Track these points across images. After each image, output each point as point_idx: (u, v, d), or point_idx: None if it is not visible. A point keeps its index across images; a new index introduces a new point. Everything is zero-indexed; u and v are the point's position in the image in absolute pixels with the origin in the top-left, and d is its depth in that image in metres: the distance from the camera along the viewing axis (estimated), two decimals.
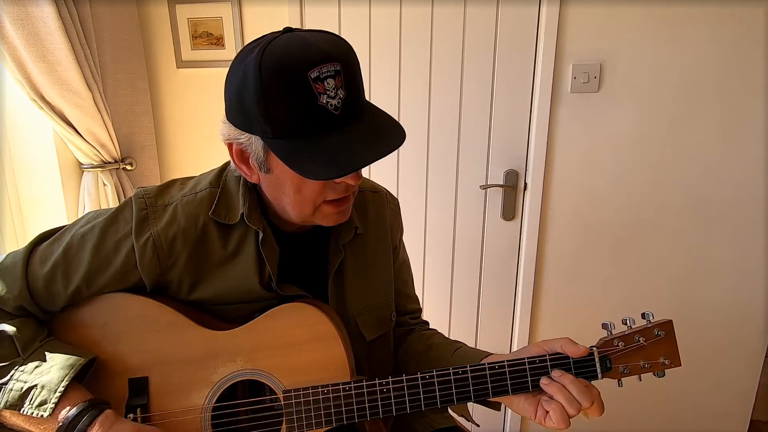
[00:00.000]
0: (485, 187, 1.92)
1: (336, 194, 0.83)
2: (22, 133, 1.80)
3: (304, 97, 0.71)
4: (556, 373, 0.80)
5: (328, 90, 0.72)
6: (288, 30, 0.77)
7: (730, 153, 1.74)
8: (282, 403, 0.84)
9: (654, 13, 1.66)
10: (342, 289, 0.97)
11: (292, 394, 0.83)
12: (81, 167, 1.86)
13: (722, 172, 1.76)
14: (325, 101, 0.72)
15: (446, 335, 1.09)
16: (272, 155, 0.77)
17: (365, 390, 0.82)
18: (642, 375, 0.84)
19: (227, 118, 0.81)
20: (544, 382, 0.80)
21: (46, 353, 0.81)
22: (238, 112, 0.77)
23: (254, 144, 0.78)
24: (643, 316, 0.85)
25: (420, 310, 1.17)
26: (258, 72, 0.71)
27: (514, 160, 1.88)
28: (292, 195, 0.82)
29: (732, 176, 1.76)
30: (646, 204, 1.84)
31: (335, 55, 0.73)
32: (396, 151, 0.76)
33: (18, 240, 1.84)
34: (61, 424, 0.76)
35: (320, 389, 0.83)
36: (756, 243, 1.81)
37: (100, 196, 1.86)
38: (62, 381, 0.78)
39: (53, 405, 0.76)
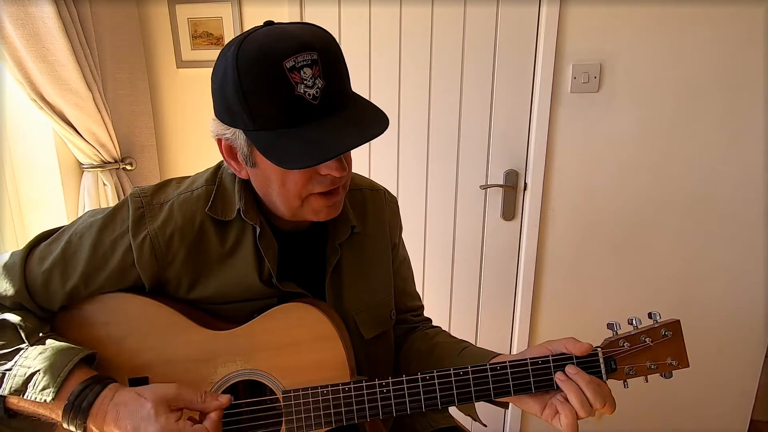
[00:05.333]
0: (485, 187, 1.92)
1: (322, 187, 0.82)
2: (22, 133, 1.80)
3: (281, 88, 0.71)
4: (571, 370, 0.78)
5: (306, 79, 0.71)
6: (269, 23, 0.77)
7: (730, 153, 1.74)
8: (281, 403, 0.84)
9: (654, 13, 1.66)
10: (339, 288, 0.97)
11: (292, 394, 0.83)
12: (81, 167, 1.86)
13: (722, 171, 1.76)
14: (302, 91, 0.71)
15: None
16: (255, 149, 0.77)
17: (365, 390, 0.82)
18: (648, 376, 0.82)
19: (215, 114, 0.81)
20: (560, 377, 0.78)
21: (49, 340, 0.81)
22: (222, 107, 0.77)
23: (239, 138, 0.78)
24: (649, 315, 0.83)
25: (422, 307, 1.17)
26: (235, 64, 0.71)
27: (514, 160, 1.88)
28: (278, 188, 0.82)
29: (732, 176, 1.76)
30: (646, 204, 1.83)
31: (312, 44, 0.72)
32: (396, 151, 0.76)
33: (18, 240, 1.84)
34: (67, 402, 0.76)
35: (320, 390, 0.83)
36: (756, 243, 1.81)
37: (100, 196, 1.86)
38: (65, 366, 0.78)
39: (56, 389, 0.76)
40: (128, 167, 1.95)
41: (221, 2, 1.90)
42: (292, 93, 0.71)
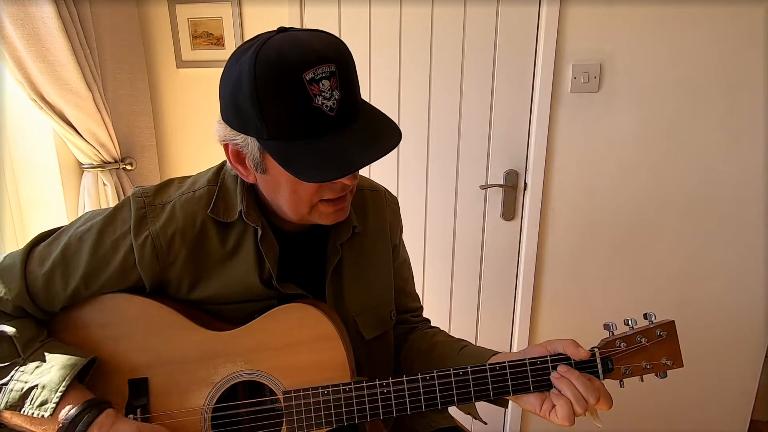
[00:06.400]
0: (485, 187, 1.92)
1: (333, 194, 0.83)
2: (22, 133, 1.80)
3: (300, 99, 0.71)
4: (562, 368, 0.81)
5: (324, 91, 0.72)
6: (282, 30, 0.77)
7: (730, 153, 1.74)
8: (282, 404, 0.84)
9: (654, 13, 1.66)
10: (340, 289, 0.97)
11: (292, 395, 0.83)
12: (81, 167, 1.86)
13: (722, 172, 1.76)
14: (320, 102, 0.72)
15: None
16: (268, 156, 0.78)
17: (365, 391, 0.82)
18: (644, 376, 0.84)
19: (222, 119, 0.81)
20: (554, 376, 0.81)
21: (47, 354, 0.81)
22: (233, 113, 0.77)
23: (250, 145, 0.78)
24: (645, 316, 0.85)
25: (421, 308, 1.18)
26: (253, 73, 0.71)
27: (514, 160, 1.88)
28: (288, 195, 0.82)
29: (732, 176, 1.76)
30: (646, 204, 1.83)
31: (330, 56, 0.73)
32: (396, 151, 0.76)
33: (18, 240, 1.84)
34: (61, 424, 0.76)
35: (320, 390, 0.83)
36: (756, 243, 1.81)
37: (100, 196, 1.86)
38: (63, 381, 0.77)
39: (54, 405, 0.76)
40: (128, 167, 1.95)
41: (221, 2, 1.90)
42: (310, 104, 0.71)
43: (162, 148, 2.12)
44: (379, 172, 1.95)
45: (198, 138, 2.10)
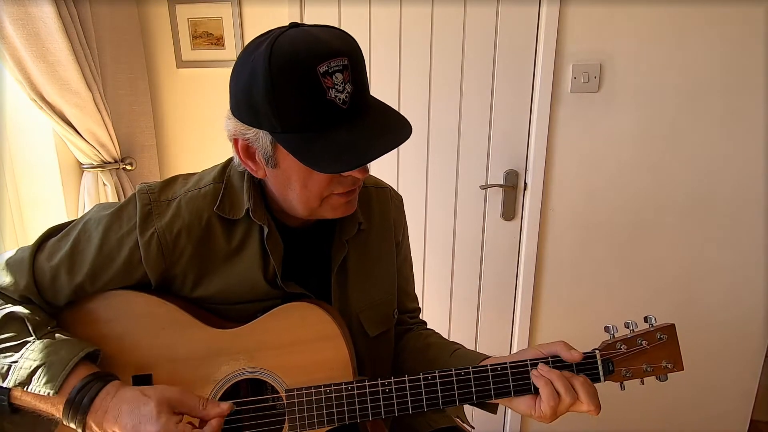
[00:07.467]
0: (485, 187, 1.92)
1: (343, 188, 0.84)
2: (22, 133, 1.80)
3: (313, 92, 0.72)
4: (543, 368, 0.81)
5: (337, 84, 0.73)
6: (294, 25, 0.77)
7: (730, 153, 1.74)
8: (284, 402, 0.84)
9: (654, 13, 1.66)
10: (345, 286, 0.97)
11: (295, 393, 0.84)
12: (81, 167, 1.86)
13: (722, 172, 1.76)
14: (333, 95, 0.73)
15: (446, 335, 1.10)
16: (280, 150, 0.78)
17: (367, 390, 0.83)
18: (644, 378, 0.84)
19: (233, 114, 0.81)
20: (533, 373, 0.81)
21: (57, 334, 0.82)
22: (245, 108, 0.77)
23: (261, 139, 0.78)
24: (645, 319, 0.85)
25: (419, 310, 1.18)
26: (267, 67, 0.71)
27: (514, 160, 1.89)
28: (299, 189, 0.83)
29: (732, 176, 1.76)
30: (646, 204, 1.84)
31: (343, 49, 0.74)
32: (396, 150, 0.77)
33: (18, 240, 1.83)
34: (68, 397, 0.76)
35: (323, 389, 0.83)
36: (756, 243, 1.81)
37: (100, 196, 1.86)
38: (70, 361, 0.78)
39: (60, 383, 0.76)
40: (128, 167, 1.95)
41: (221, 2, 1.90)
42: (324, 97, 0.72)
43: (162, 148, 2.12)
44: (379, 171, 1.94)
45: (198, 138, 2.10)
